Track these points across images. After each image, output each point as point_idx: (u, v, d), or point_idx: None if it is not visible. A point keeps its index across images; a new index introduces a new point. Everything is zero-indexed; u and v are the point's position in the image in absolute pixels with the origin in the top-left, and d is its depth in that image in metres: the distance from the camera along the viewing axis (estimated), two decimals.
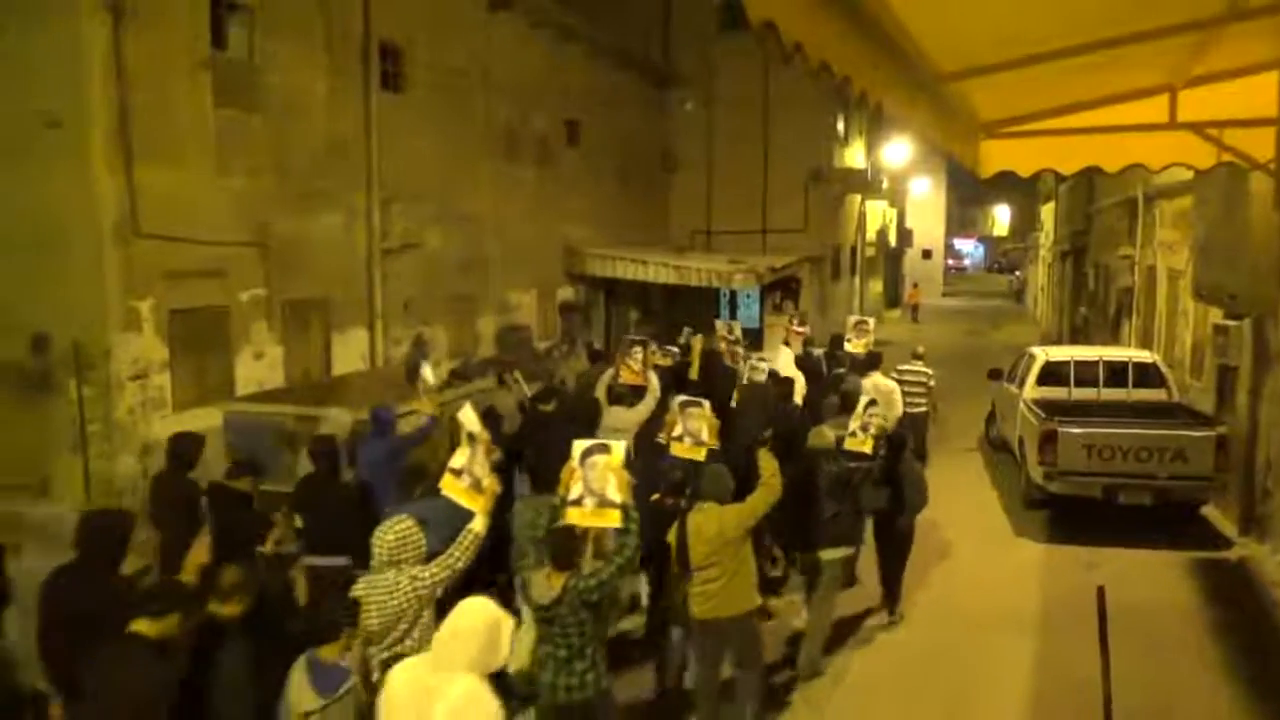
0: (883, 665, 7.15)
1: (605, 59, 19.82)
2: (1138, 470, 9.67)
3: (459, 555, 4.73)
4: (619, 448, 5.30)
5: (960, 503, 11.11)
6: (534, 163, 17.27)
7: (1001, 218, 74.18)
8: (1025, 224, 51.56)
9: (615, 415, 8.34)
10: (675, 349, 11.10)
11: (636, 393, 8.79)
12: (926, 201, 44.39)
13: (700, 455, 6.45)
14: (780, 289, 23.30)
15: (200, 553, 4.72)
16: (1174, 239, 14.33)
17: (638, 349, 9.15)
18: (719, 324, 11.95)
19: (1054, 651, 7.23)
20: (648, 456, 7.22)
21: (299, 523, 6.12)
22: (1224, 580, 8.95)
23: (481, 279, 15.59)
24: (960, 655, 7.25)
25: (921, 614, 8.01)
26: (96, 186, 8.93)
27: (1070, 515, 10.25)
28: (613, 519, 5.01)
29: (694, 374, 10.08)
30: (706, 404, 6.77)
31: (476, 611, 3.61)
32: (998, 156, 5.34)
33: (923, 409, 12.08)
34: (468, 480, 5.10)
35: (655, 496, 6.13)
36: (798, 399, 9.97)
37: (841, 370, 11.16)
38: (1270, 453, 9.86)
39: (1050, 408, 10.65)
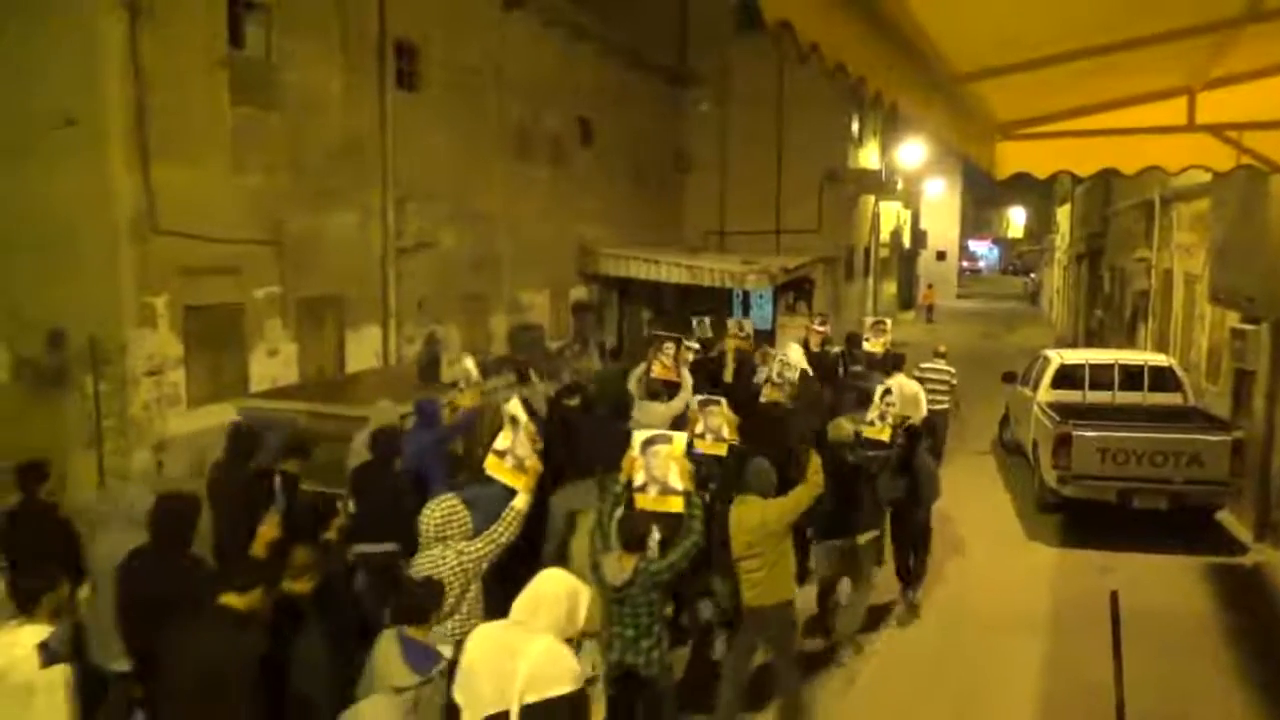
0: (894, 667, 7.12)
1: (619, 58, 19.83)
2: (1152, 474, 9.60)
3: (503, 530, 4.98)
4: (680, 438, 5.61)
5: (973, 505, 11.06)
6: (548, 162, 17.29)
7: (1017, 220, 73.86)
8: (1041, 226, 51.37)
9: (648, 410, 8.32)
10: (697, 345, 11.07)
11: (669, 388, 8.86)
12: (941, 203, 44.24)
13: (722, 451, 6.57)
14: (793, 290, 23.26)
15: (270, 530, 4.95)
16: (1191, 242, 14.23)
17: (670, 345, 9.23)
18: (731, 322, 11.98)
19: (1066, 655, 7.18)
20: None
21: (351, 509, 6.29)
22: (1239, 586, 8.88)
23: (494, 278, 15.62)
24: (972, 658, 7.22)
25: (934, 616, 7.98)
26: (113, 184, 9.00)
27: (1084, 519, 10.19)
28: (675, 505, 5.29)
29: (728, 376, 10.10)
30: (724, 401, 6.93)
31: (557, 580, 3.77)
32: (1014, 158, 5.31)
33: (944, 406, 12.01)
34: (511, 461, 5.37)
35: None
36: None
37: (859, 368, 11.18)
38: None
39: (1065, 411, 10.59)
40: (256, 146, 10.61)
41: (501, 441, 5.45)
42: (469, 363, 8.02)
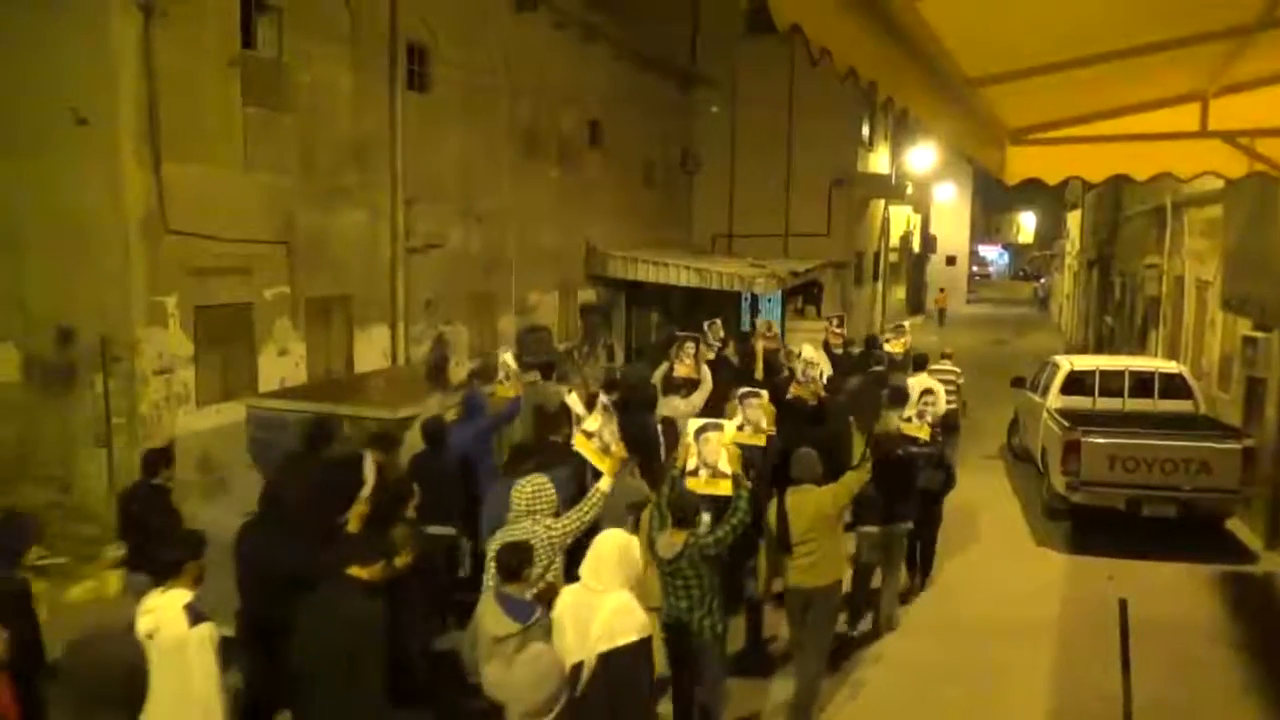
0: (900, 674, 7.10)
1: (629, 60, 19.84)
2: (1162, 482, 9.55)
3: (587, 509, 5.38)
4: (730, 426, 6.25)
5: (981, 511, 11.02)
6: (557, 163, 17.31)
7: (1027, 225, 73.68)
8: (1051, 231, 51.21)
9: (670, 405, 8.85)
10: (717, 342, 11.53)
11: (690, 385, 9.39)
12: (951, 207, 44.12)
13: (761, 441, 6.91)
14: (802, 294, 23.23)
15: (363, 507, 5.65)
16: (1203, 248, 14.16)
17: (690, 345, 9.86)
18: (759, 323, 12.65)
19: (1074, 664, 7.15)
20: None
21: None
22: (1249, 595, 8.83)
23: (503, 279, 15.64)
24: (979, 666, 7.19)
25: (940, 624, 7.96)
26: (125, 183, 9.03)
27: (1093, 526, 10.14)
28: (725, 488, 5.76)
29: (759, 373, 10.62)
30: (765, 394, 7.32)
31: (610, 539, 4.47)
32: (1024, 163, 5.30)
33: (953, 405, 12.03)
34: (598, 443, 5.82)
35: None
36: None
37: (880, 369, 11.45)
38: None
39: (1074, 417, 10.55)
40: (267, 146, 10.65)
41: (591, 424, 5.91)
42: (509, 357, 8.62)
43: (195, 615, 4.24)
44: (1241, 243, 11.33)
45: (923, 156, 28.97)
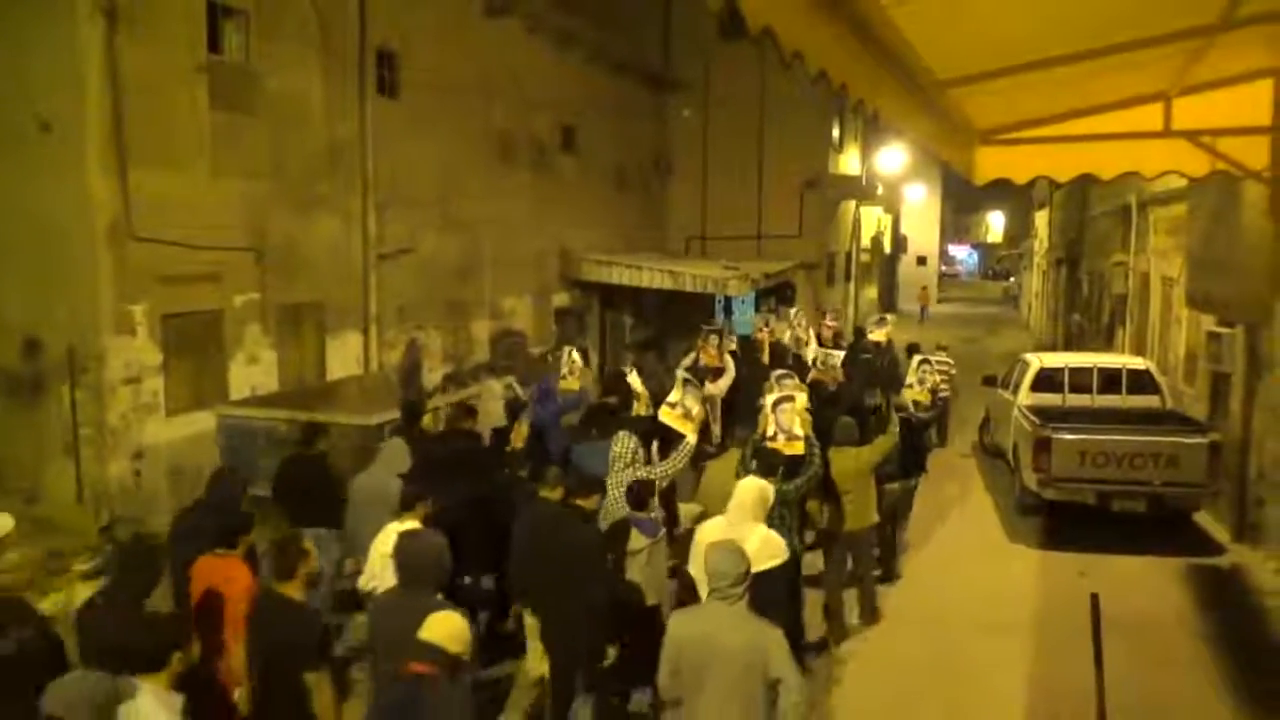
0: (875, 670, 7.14)
1: (602, 65, 19.84)
2: (1131, 477, 9.68)
3: (677, 460, 6.90)
4: (802, 397, 7.49)
5: (954, 508, 11.12)
6: (530, 168, 17.27)
7: (996, 224, 74.37)
8: (1020, 230, 51.70)
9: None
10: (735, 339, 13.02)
11: (715, 372, 11.00)
12: (922, 208, 44.48)
13: (799, 449, 7.08)
14: (775, 294, 23.31)
15: (524, 428, 8.59)
16: (1167, 246, 14.38)
17: (714, 337, 11.55)
18: (755, 319, 14.43)
19: (1047, 658, 7.23)
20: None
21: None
22: (1217, 587, 8.96)
23: (476, 284, 15.58)
24: (953, 661, 7.25)
25: (915, 621, 8.01)
26: (91, 190, 8.91)
27: (1064, 522, 10.25)
28: (798, 448, 6.88)
29: (765, 359, 12.12)
30: (800, 398, 7.68)
31: (750, 485, 5.66)
32: (993, 163, 5.37)
33: (946, 394, 13.74)
34: (680, 410, 7.41)
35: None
36: None
37: (867, 356, 13.03)
38: (1263, 460, 9.89)
39: (1044, 414, 10.67)
40: (236, 152, 10.55)
41: (674, 396, 7.58)
42: (575, 354, 10.14)
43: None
44: (1205, 240, 11.51)
45: (893, 158, 29.19)
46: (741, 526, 5.33)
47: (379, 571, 5.32)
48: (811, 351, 12.08)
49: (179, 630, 3.80)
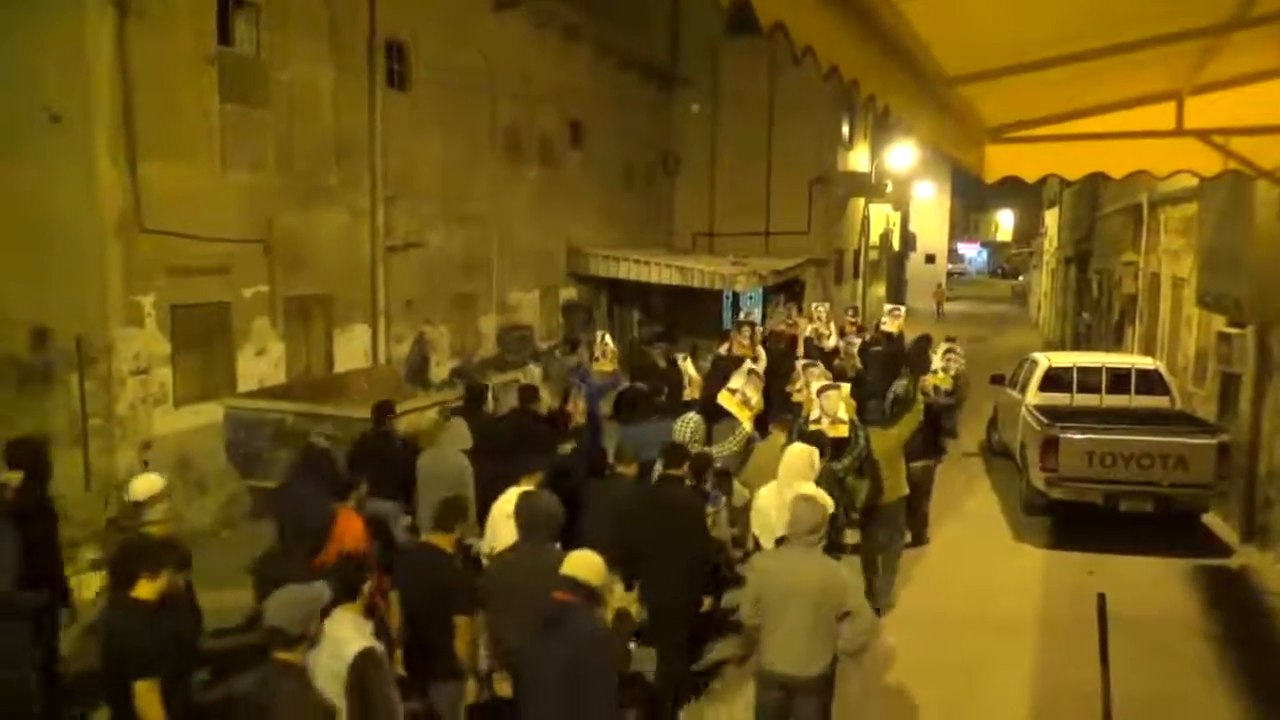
0: (880, 669, 7.13)
1: (611, 59, 19.82)
2: (1139, 477, 9.65)
3: (735, 442, 7.83)
4: (845, 387, 8.37)
5: (961, 507, 11.10)
6: (538, 162, 17.27)
7: (1005, 223, 74.17)
8: (1029, 229, 51.55)
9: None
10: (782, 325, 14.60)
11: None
12: (930, 206, 44.33)
13: (843, 432, 7.79)
14: (783, 291, 23.30)
15: (581, 403, 9.37)
16: (1178, 246, 14.31)
17: (746, 328, 12.60)
18: (778, 312, 15.97)
19: (1053, 658, 7.21)
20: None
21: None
22: (1225, 588, 8.93)
23: (484, 278, 15.59)
24: (959, 660, 7.24)
25: (921, 619, 8.00)
26: (100, 181, 8.93)
27: (1071, 522, 10.23)
28: (843, 431, 7.59)
29: (800, 350, 12.99)
30: (844, 387, 8.51)
31: (799, 451, 6.39)
32: (1003, 161, 5.34)
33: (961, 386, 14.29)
34: (740, 397, 8.24)
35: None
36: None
37: (878, 348, 13.78)
38: (1272, 461, 9.84)
39: (1052, 413, 10.63)
40: (245, 145, 10.56)
41: (735, 382, 8.40)
42: (607, 338, 11.40)
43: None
44: (1216, 240, 11.45)
45: (902, 155, 29.08)
46: (790, 488, 5.93)
47: (500, 532, 5.76)
48: (831, 343, 13.22)
49: (362, 568, 4.35)
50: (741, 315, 15.75)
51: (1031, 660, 7.27)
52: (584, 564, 4.24)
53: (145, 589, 4.31)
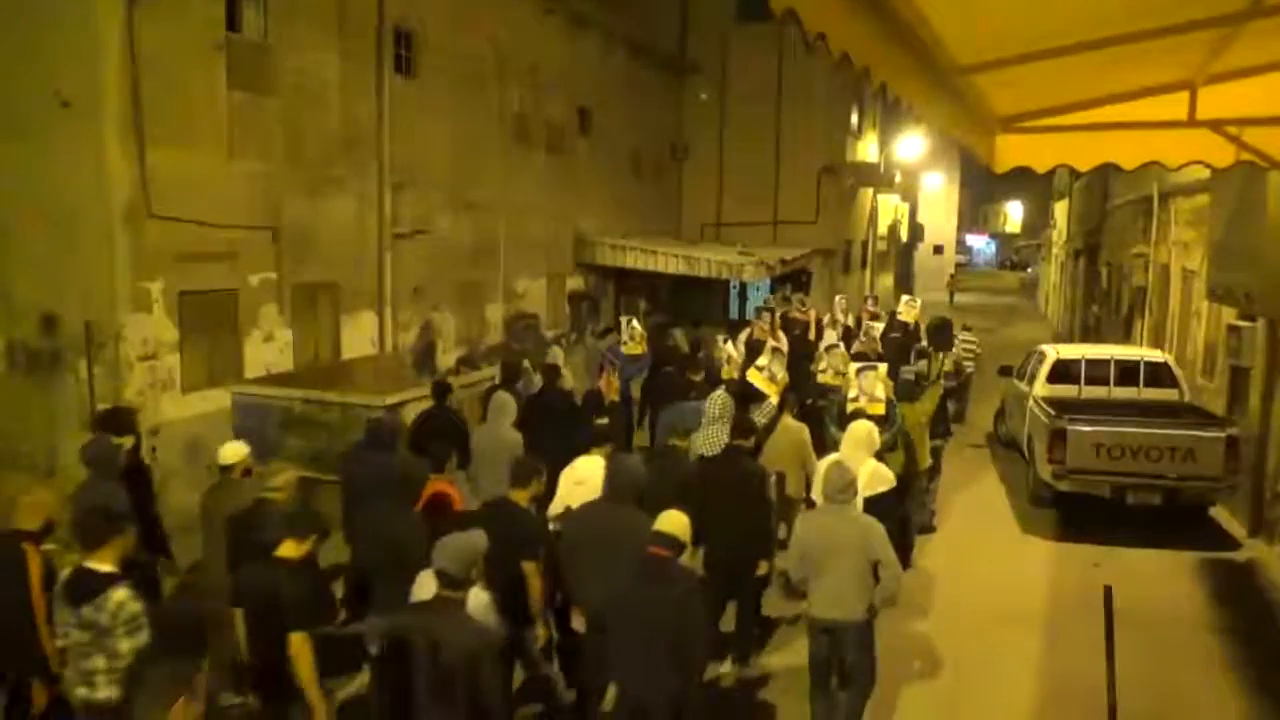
0: (886, 660, 7.11)
1: (619, 48, 19.76)
2: (1147, 470, 9.61)
3: (767, 412, 8.46)
4: (882, 367, 8.89)
5: (968, 499, 11.09)
6: (546, 150, 17.24)
7: (1014, 214, 73.73)
8: (1038, 221, 51.28)
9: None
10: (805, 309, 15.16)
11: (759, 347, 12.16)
12: (939, 197, 44.18)
13: (880, 410, 8.27)
14: (790, 281, 23.24)
15: (615, 382, 10.01)
16: (1189, 238, 14.23)
17: (766, 314, 13.55)
18: (794, 299, 16.05)
19: (1059, 650, 7.21)
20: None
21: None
22: (1232, 582, 8.91)
23: (491, 266, 15.59)
24: (965, 651, 7.24)
25: (926, 610, 8.00)
26: (108, 167, 8.94)
27: (1078, 514, 10.21)
28: (879, 409, 8.13)
29: (812, 335, 14.01)
30: (881, 367, 8.99)
31: (861, 426, 7.00)
32: (1014, 151, 5.30)
33: (971, 369, 15.13)
34: (767, 374, 9.01)
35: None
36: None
37: (896, 335, 14.41)
38: None
39: (1060, 406, 10.59)
40: (253, 131, 10.56)
41: (762, 360, 9.26)
42: (635, 322, 12.29)
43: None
44: (1227, 232, 11.38)
45: (911, 145, 28.97)
46: (854, 459, 6.46)
47: (570, 496, 6.23)
48: (866, 327, 13.92)
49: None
50: (762, 302, 16.55)
51: (1037, 652, 7.26)
52: (676, 522, 4.73)
53: (291, 549, 4.75)
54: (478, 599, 4.52)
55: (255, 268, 10.68)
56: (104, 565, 4.42)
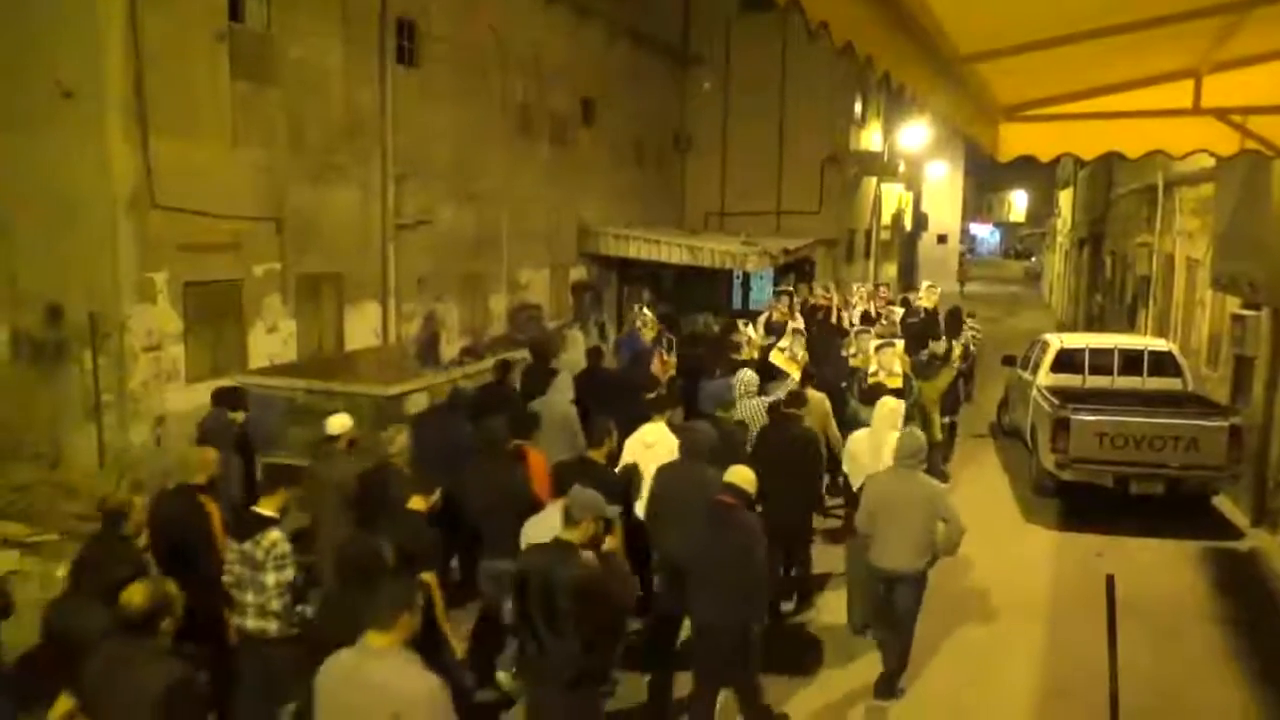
0: None
1: (622, 37, 19.69)
2: (1150, 459, 9.61)
3: (789, 388, 8.48)
4: (900, 344, 9.81)
5: (971, 488, 11.08)
6: (549, 141, 17.21)
7: (1018, 203, 73.58)
8: (1042, 210, 51.15)
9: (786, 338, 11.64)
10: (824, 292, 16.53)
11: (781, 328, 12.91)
12: (943, 186, 43.98)
13: (897, 384, 8.95)
14: (794, 271, 23.21)
15: (669, 362, 10.96)
16: (1193, 227, 14.20)
17: (785, 298, 14.14)
18: (817, 286, 17.89)
19: (1062, 639, 7.22)
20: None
21: None
22: (1234, 571, 8.92)
23: (494, 256, 15.59)
24: (968, 641, 7.26)
25: (930, 600, 7.99)
26: (112, 157, 8.95)
27: (1081, 503, 10.21)
28: (897, 383, 8.73)
29: (834, 319, 14.71)
30: (899, 344, 9.98)
31: (890, 401, 7.50)
32: (1018, 140, 5.29)
33: (974, 351, 15.36)
34: (789, 354, 9.96)
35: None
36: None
37: (914, 320, 14.81)
38: None
39: (1063, 395, 10.58)
40: (256, 121, 10.55)
41: (784, 342, 10.26)
42: (647, 310, 13.00)
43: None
44: (1232, 221, 11.35)
45: (915, 134, 28.83)
46: (882, 432, 7.08)
47: (635, 457, 6.85)
48: (886, 311, 15.04)
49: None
50: (780, 287, 17.58)
51: (1040, 641, 7.28)
52: (743, 475, 5.44)
53: (420, 503, 5.50)
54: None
55: (259, 258, 10.69)
56: (267, 510, 5.17)
